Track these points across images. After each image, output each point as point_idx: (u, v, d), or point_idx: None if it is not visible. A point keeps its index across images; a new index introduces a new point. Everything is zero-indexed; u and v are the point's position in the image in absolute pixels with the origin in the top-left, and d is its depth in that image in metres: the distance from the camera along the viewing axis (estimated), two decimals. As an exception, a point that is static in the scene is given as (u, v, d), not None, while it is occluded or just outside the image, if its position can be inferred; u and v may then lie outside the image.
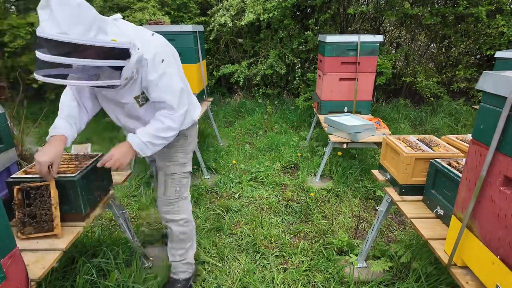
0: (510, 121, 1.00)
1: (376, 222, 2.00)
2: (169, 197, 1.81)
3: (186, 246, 1.92)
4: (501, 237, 1.05)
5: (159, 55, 1.50)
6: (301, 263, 2.20)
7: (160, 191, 1.82)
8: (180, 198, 1.83)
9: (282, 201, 2.95)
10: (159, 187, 1.83)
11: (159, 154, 1.78)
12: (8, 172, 1.59)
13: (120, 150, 1.55)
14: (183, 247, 1.91)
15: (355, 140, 2.87)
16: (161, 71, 1.50)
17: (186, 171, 1.84)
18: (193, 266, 2.00)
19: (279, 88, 5.80)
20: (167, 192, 1.80)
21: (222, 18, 4.76)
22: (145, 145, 1.56)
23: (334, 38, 3.44)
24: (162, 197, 1.82)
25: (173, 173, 1.80)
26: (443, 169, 1.55)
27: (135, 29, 1.52)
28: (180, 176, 1.82)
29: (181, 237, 1.88)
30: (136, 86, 1.53)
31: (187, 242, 1.92)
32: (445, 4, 5.11)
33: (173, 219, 1.84)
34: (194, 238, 1.99)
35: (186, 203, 1.88)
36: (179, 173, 1.81)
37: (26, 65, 5.02)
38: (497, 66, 3.36)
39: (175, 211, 1.83)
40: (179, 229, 1.86)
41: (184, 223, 1.87)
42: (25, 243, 1.43)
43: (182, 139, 1.82)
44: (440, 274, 1.84)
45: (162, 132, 1.58)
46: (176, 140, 1.78)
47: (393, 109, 5.19)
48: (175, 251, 1.92)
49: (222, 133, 4.56)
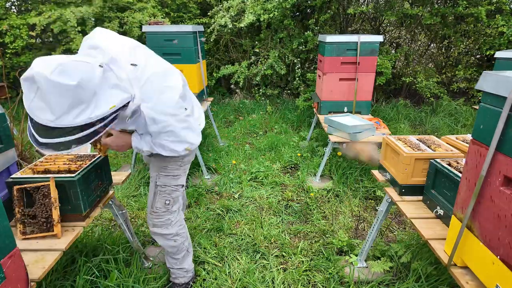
0: (510, 121, 1.00)
1: (376, 222, 2.00)
2: (158, 209, 1.70)
3: (179, 256, 1.85)
4: (501, 237, 1.05)
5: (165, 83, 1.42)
6: (301, 263, 2.20)
7: (149, 202, 1.73)
8: (169, 211, 1.73)
9: (282, 201, 2.95)
10: (148, 198, 1.74)
11: (153, 162, 1.70)
12: (8, 172, 1.59)
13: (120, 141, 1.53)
14: (176, 258, 1.86)
15: (355, 140, 2.87)
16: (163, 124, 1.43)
17: (178, 184, 1.72)
18: (191, 271, 1.97)
19: (279, 88, 5.80)
20: (156, 203, 1.70)
21: (222, 19, 4.76)
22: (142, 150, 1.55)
23: (334, 38, 3.44)
24: (150, 209, 1.73)
25: (164, 184, 1.68)
26: (443, 169, 1.55)
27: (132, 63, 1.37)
28: (171, 189, 1.70)
29: (170, 250, 1.81)
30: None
31: (178, 253, 1.84)
32: (445, 4, 5.11)
33: (160, 233, 1.74)
34: (188, 247, 1.90)
35: (175, 216, 1.77)
36: (171, 185, 1.70)
37: (26, 65, 5.03)
38: (497, 66, 3.36)
39: (163, 224, 1.73)
40: (166, 243, 1.78)
41: (172, 237, 1.77)
42: (25, 243, 1.43)
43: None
44: (440, 274, 1.84)
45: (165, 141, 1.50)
46: None
47: (393, 109, 5.19)
48: (170, 259, 1.89)
49: (222, 133, 4.56)
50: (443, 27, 5.01)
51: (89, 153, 1.79)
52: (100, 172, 1.72)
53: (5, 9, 4.98)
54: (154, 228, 1.74)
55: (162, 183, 1.68)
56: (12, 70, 5.18)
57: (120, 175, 1.98)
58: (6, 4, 5.05)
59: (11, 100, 4.43)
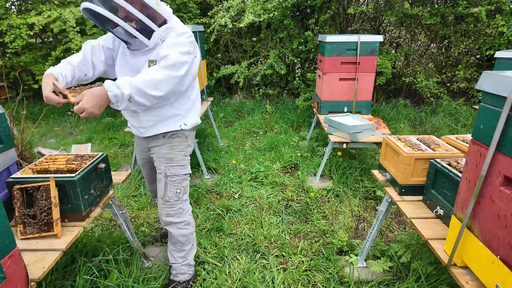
0: (510, 121, 1.00)
1: (376, 222, 2.00)
2: (170, 198, 1.78)
3: (187, 248, 1.92)
4: (501, 237, 1.05)
5: (187, 35, 1.59)
6: (301, 263, 2.20)
7: (160, 193, 1.80)
8: (180, 200, 1.81)
9: (282, 201, 2.95)
10: (159, 190, 1.81)
11: (159, 156, 1.78)
12: (8, 172, 1.59)
13: (91, 98, 1.35)
14: (184, 249, 1.91)
15: (355, 140, 2.87)
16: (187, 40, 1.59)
17: (186, 173, 1.83)
18: (193, 268, 2.00)
19: (279, 88, 5.81)
20: (168, 193, 1.78)
21: (222, 20, 4.76)
22: (123, 97, 1.40)
23: (334, 38, 3.44)
24: (162, 199, 1.80)
25: (173, 174, 1.77)
26: (443, 169, 1.55)
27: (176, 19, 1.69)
28: (181, 178, 1.80)
29: (181, 240, 1.87)
30: (155, 51, 1.60)
31: (187, 244, 1.91)
32: (445, 4, 5.11)
33: (174, 222, 1.82)
34: (194, 239, 1.98)
35: (186, 205, 1.86)
36: (180, 174, 1.79)
37: (26, 65, 5.03)
38: (497, 66, 3.36)
39: (175, 213, 1.81)
40: (179, 231, 1.85)
41: (184, 225, 1.85)
42: (25, 243, 1.43)
43: (183, 140, 1.81)
44: (440, 274, 1.84)
45: (149, 88, 1.43)
46: (178, 141, 1.78)
47: (393, 109, 5.19)
48: (176, 253, 1.92)
49: (222, 133, 4.56)
50: (443, 27, 5.01)
51: (89, 153, 1.79)
52: (100, 172, 1.72)
53: (5, 9, 4.98)
54: (168, 218, 1.81)
55: (172, 173, 1.77)
56: (12, 70, 5.18)
57: (120, 175, 1.98)
58: (6, 4, 5.05)
59: (11, 100, 4.43)
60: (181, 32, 1.59)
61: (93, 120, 4.95)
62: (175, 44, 1.55)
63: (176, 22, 1.64)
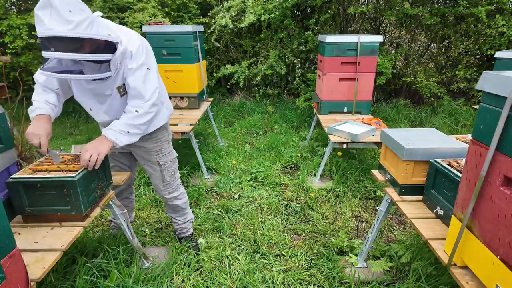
0: (510, 121, 1.00)
1: (376, 222, 2.00)
2: (168, 180, 2.08)
3: (188, 210, 2.33)
4: (501, 237, 1.05)
5: (141, 48, 1.64)
6: (301, 263, 2.20)
7: (158, 181, 2.07)
8: (175, 178, 2.14)
9: (282, 201, 2.95)
10: (156, 179, 2.07)
11: (147, 150, 1.97)
12: (8, 172, 1.59)
13: (93, 145, 1.60)
14: (185, 212, 2.30)
15: (355, 140, 2.87)
16: (141, 62, 1.63)
17: (174, 157, 2.11)
18: (191, 225, 2.38)
19: (279, 88, 5.80)
20: (166, 178, 2.07)
21: (223, 20, 4.76)
22: (120, 133, 1.64)
23: (334, 38, 3.44)
24: (162, 184, 2.08)
25: (166, 161, 2.04)
26: (443, 169, 1.55)
27: (115, 25, 1.64)
28: (171, 162, 2.08)
29: (183, 206, 2.25)
30: (119, 77, 1.65)
31: (186, 208, 2.30)
32: (445, 4, 5.11)
33: (175, 196, 2.17)
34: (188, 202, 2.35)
35: (178, 179, 2.21)
36: (170, 160, 2.07)
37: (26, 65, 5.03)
38: (497, 66, 3.36)
39: (175, 189, 2.15)
40: (181, 201, 2.21)
41: (182, 195, 2.23)
42: (25, 243, 1.43)
43: (163, 131, 2.00)
44: (440, 274, 1.84)
45: (134, 120, 1.66)
46: (160, 134, 1.98)
47: (393, 109, 5.19)
48: (180, 217, 2.28)
49: (222, 133, 4.56)
50: (443, 27, 5.01)
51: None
52: (100, 172, 1.72)
53: (5, 9, 4.98)
54: (171, 194, 2.14)
55: (164, 161, 2.04)
56: (12, 70, 5.18)
57: (120, 175, 1.98)
58: (6, 4, 5.05)
59: (11, 100, 4.43)
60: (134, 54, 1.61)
61: (93, 120, 4.94)
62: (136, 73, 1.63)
63: (124, 40, 1.58)
